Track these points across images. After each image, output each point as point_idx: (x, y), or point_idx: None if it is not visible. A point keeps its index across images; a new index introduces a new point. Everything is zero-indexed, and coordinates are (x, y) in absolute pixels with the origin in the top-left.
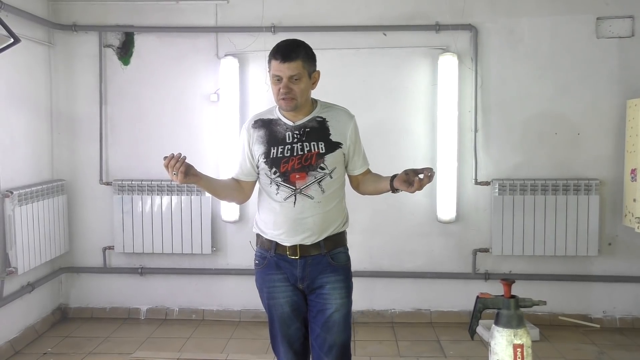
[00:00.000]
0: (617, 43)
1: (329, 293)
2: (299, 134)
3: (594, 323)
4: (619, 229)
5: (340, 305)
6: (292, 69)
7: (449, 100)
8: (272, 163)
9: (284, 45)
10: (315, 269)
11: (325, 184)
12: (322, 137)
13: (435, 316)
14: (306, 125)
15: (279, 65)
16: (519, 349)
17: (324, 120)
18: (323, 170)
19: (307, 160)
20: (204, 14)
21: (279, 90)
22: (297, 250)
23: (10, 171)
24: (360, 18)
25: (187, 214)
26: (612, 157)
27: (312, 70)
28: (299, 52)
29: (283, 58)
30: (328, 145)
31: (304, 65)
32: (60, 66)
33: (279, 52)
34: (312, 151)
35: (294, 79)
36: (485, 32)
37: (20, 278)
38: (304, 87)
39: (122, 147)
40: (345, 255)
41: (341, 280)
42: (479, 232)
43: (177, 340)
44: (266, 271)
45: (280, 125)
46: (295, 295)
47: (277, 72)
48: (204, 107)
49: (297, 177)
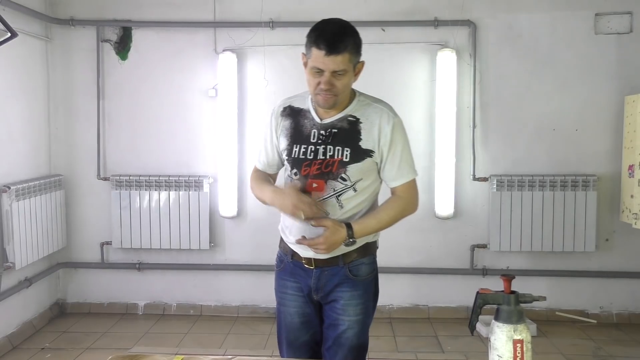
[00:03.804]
0: (616, 39)
1: (342, 309)
2: (325, 134)
3: (591, 318)
4: (616, 225)
5: (355, 323)
6: (337, 64)
7: (447, 96)
8: (294, 163)
9: (330, 33)
10: (330, 280)
11: (345, 198)
12: (350, 141)
13: (433, 312)
14: (335, 125)
15: (322, 57)
16: (519, 345)
17: (356, 121)
18: (344, 182)
19: (327, 166)
20: (202, 8)
21: (318, 84)
22: (312, 261)
23: (8, 166)
24: (358, 13)
25: (185, 209)
26: (609, 153)
27: (357, 62)
28: (347, 42)
29: (329, 49)
30: (354, 153)
31: (350, 58)
32: (58, 61)
33: (324, 40)
34: (335, 157)
35: (338, 74)
36: (484, 28)
37: (17, 273)
38: (347, 82)
39: (120, 142)
40: (367, 267)
41: (358, 295)
42: (477, 228)
43: (175, 335)
44: (281, 275)
45: (309, 119)
46: (307, 307)
47: (319, 65)
48: (202, 103)
49: (314, 187)
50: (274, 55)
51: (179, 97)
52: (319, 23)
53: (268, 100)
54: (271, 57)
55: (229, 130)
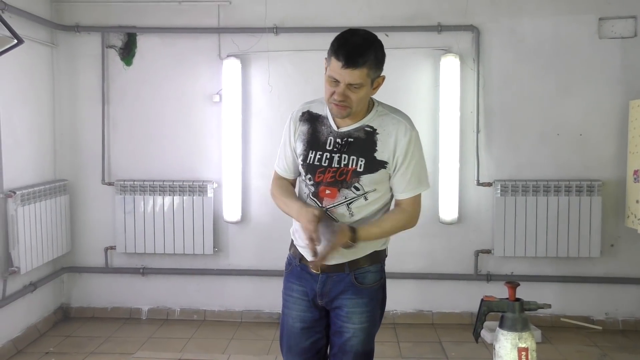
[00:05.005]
0: (620, 43)
1: (346, 316)
2: (341, 143)
3: (596, 325)
4: (621, 231)
5: (359, 331)
6: (354, 77)
7: (451, 101)
8: (308, 169)
9: (352, 45)
10: (336, 287)
11: (356, 207)
12: (365, 152)
13: (437, 317)
14: (351, 135)
15: (339, 69)
16: (524, 353)
17: (373, 132)
18: (357, 191)
19: (341, 175)
20: (206, 14)
21: (333, 94)
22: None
23: (13, 171)
24: (362, 19)
25: (189, 215)
26: (614, 158)
27: (377, 76)
28: (368, 56)
29: (347, 62)
30: (369, 164)
31: (368, 73)
32: (63, 67)
33: (344, 52)
34: (350, 167)
35: (354, 87)
36: (487, 33)
37: (22, 277)
38: (363, 96)
39: (125, 148)
40: (374, 275)
41: (363, 303)
42: (481, 233)
43: (179, 340)
44: (289, 278)
45: (326, 125)
46: (310, 312)
47: (336, 75)
48: (206, 108)
49: (327, 193)
50: (278, 60)
51: (183, 102)
52: (345, 32)
53: (272, 106)
54: (275, 62)
55: (233, 135)
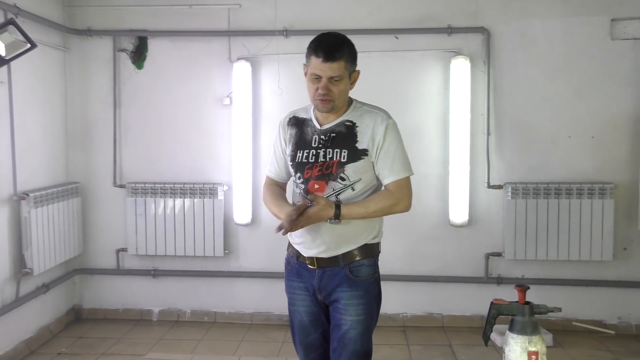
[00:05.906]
0: (633, 44)
1: (343, 308)
2: (325, 139)
3: (609, 329)
4: (634, 234)
5: (356, 323)
6: (333, 70)
7: (461, 104)
8: (297, 167)
9: (327, 43)
10: (331, 281)
11: (344, 198)
12: (347, 144)
13: (447, 320)
14: (333, 130)
15: (320, 64)
16: (534, 356)
17: (353, 125)
18: (343, 182)
19: (328, 168)
20: (216, 18)
21: (317, 90)
22: (314, 261)
23: (26, 174)
24: (371, 21)
25: (199, 217)
26: (627, 161)
27: (353, 70)
28: (343, 51)
29: (325, 57)
30: (351, 154)
31: (345, 66)
32: (75, 70)
33: (322, 49)
34: (334, 159)
35: (334, 80)
36: (498, 35)
37: (35, 279)
38: (343, 89)
39: (136, 150)
40: (368, 268)
41: (359, 296)
42: (492, 236)
43: (189, 342)
44: (289, 277)
45: (310, 126)
46: (315, 306)
47: (317, 71)
48: (217, 111)
49: (316, 188)
50: (288, 63)
51: (194, 105)
52: (318, 36)
53: (282, 109)
54: (285, 65)
55: (244, 138)
